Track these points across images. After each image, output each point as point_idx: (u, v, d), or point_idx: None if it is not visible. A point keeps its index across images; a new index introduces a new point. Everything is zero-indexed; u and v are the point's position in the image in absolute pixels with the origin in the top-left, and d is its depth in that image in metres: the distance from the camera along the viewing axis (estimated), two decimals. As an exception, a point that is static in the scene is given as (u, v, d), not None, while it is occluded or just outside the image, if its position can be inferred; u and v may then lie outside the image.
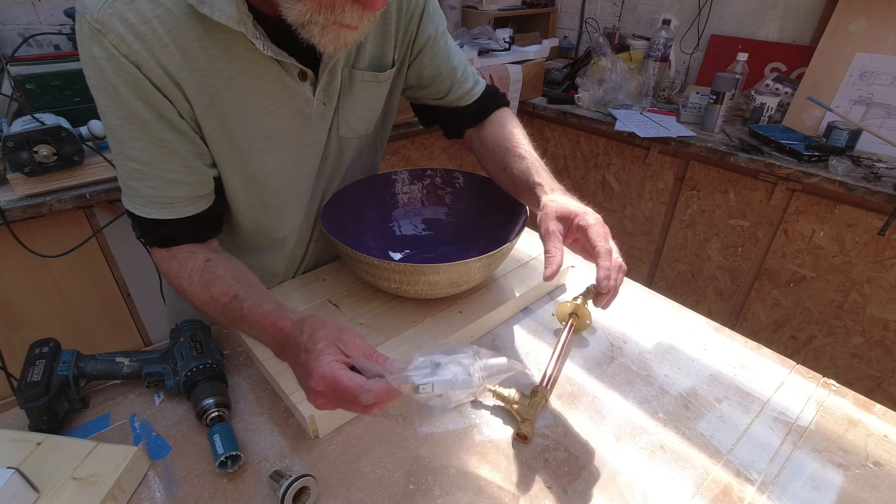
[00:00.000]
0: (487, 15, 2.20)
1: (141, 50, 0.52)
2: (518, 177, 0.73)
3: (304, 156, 0.71)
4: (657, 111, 1.86)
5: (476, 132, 0.83)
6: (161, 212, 0.61)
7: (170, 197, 0.61)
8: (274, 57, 0.58)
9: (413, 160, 1.92)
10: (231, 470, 0.54)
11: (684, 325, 0.78)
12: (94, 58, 0.52)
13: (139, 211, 0.61)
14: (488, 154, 0.80)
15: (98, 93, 0.55)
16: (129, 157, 0.58)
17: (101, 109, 0.56)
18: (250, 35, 0.54)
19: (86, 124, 1.18)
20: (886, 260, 1.37)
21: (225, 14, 0.52)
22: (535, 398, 0.61)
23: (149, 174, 0.59)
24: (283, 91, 0.62)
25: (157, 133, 0.57)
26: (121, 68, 0.52)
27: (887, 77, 1.50)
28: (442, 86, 0.79)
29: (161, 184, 0.60)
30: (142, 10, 0.51)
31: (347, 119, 0.72)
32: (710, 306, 1.82)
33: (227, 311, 0.58)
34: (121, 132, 0.56)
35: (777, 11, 1.85)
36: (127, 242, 1.34)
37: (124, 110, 0.55)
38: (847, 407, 0.65)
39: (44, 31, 1.52)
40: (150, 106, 0.55)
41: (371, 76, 0.71)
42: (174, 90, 0.56)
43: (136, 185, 0.59)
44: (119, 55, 0.51)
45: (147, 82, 0.54)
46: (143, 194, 0.60)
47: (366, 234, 0.86)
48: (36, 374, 0.57)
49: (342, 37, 0.53)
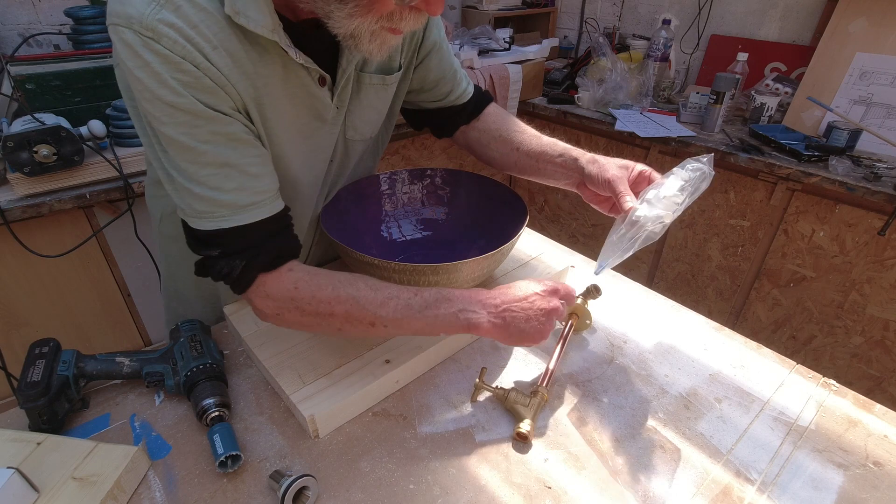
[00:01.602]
0: (487, 15, 2.20)
1: (194, 51, 0.51)
2: (539, 150, 0.77)
3: (315, 159, 0.72)
4: (657, 111, 1.86)
5: (472, 127, 0.85)
6: (252, 213, 0.56)
7: (257, 191, 0.57)
8: (304, 65, 0.59)
9: (413, 160, 1.92)
10: (231, 470, 0.54)
11: (684, 325, 0.78)
12: (147, 64, 0.50)
13: (229, 222, 0.55)
14: (493, 140, 0.82)
15: (152, 106, 0.51)
16: (203, 163, 0.54)
17: (159, 126, 0.53)
18: (283, 44, 0.55)
19: (86, 124, 1.18)
20: (886, 260, 1.37)
21: (260, 25, 0.52)
22: (534, 398, 0.61)
23: (229, 174, 0.55)
24: (306, 96, 0.63)
25: (224, 128, 0.54)
26: (178, 68, 0.50)
27: (887, 77, 1.50)
28: (444, 88, 0.80)
29: (244, 180, 0.56)
30: (188, 16, 0.50)
31: (355, 122, 0.73)
32: (710, 306, 1.82)
33: (412, 303, 0.58)
34: (187, 140, 0.53)
35: (777, 11, 1.85)
36: (127, 242, 1.34)
37: (186, 114, 0.52)
38: (847, 407, 0.65)
39: (44, 31, 1.52)
40: (212, 102, 0.53)
41: (379, 79, 0.72)
42: (231, 89, 0.55)
43: (217, 194, 0.55)
44: (175, 56, 0.50)
45: (207, 79, 0.52)
46: (226, 202, 0.55)
47: (366, 234, 0.86)
48: (36, 374, 0.57)
49: (388, 41, 0.55)
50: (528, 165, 0.79)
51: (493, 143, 0.83)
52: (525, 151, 0.79)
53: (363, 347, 0.67)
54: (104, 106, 1.32)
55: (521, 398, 0.61)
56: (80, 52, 1.36)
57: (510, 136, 0.81)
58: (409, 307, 0.58)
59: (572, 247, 0.93)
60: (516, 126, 0.82)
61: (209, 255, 0.57)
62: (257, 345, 0.68)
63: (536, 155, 0.77)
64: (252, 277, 0.58)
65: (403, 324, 0.58)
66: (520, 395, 0.61)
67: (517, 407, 0.60)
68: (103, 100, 1.32)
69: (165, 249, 0.85)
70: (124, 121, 1.27)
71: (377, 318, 0.58)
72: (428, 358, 0.68)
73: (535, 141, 0.78)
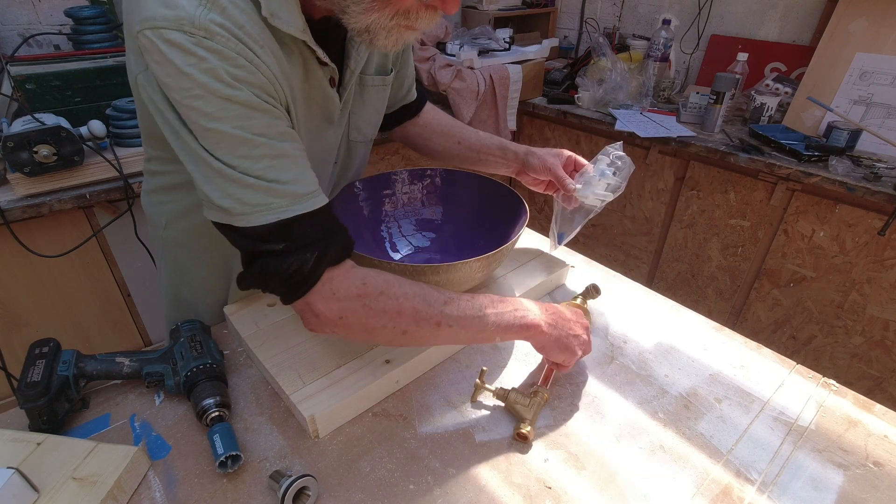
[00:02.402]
0: (487, 15, 2.20)
1: (246, 49, 0.51)
2: (479, 144, 0.87)
3: (322, 161, 0.73)
4: (657, 111, 1.86)
5: (413, 122, 0.91)
6: (312, 202, 0.54)
7: (312, 181, 0.55)
8: (323, 61, 0.59)
9: (413, 160, 1.92)
10: (231, 470, 0.54)
11: (684, 325, 0.78)
12: (202, 60, 0.49)
13: (291, 212, 0.53)
14: (435, 134, 0.90)
15: (204, 102, 0.50)
16: (258, 156, 0.52)
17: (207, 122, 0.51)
18: (311, 44, 0.56)
19: (86, 124, 1.18)
20: (886, 260, 1.37)
21: (293, 26, 0.54)
22: (535, 398, 0.61)
23: (286, 165, 0.53)
24: (321, 97, 0.64)
25: (277, 121, 0.54)
26: (234, 63, 0.50)
27: (887, 77, 1.50)
28: (406, 86, 0.86)
29: (300, 171, 0.55)
30: (234, 17, 0.50)
31: (358, 123, 0.74)
32: (710, 306, 1.82)
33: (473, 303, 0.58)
34: (242, 133, 0.51)
35: (777, 11, 1.85)
36: (127, 242, 1.34)
37: (242, 107, 0.51)
38: (847, 407, 0.65)
39: (44, 31, 1.52)
40: (266, 95, 0.53)
41: (379, 80, 0.73)
42: (278, 85, 0.55)
43: (274, 185, 0.52)
44: (230, 52, 0.50)
45: (260, 74, 0.52)
46: (287, 192, 0.53)
47: (366, 234, 0.86)
48: (36, 374, 0.57)
49: (403, 37, 0.55)
50: (470, 157, 0.88)
51: (435, 137, 0.90)
52: (467, 146, 0.88)
53: (363, 347, 0.68)
54: (104, 106, 1.32)
55: (521, 398, 0.61)
56: (80, 53, 1.36)
57: (451, 130, 0.90)
58: (470, 307, 0.58)
59: (572, 247, 0.92)
60: (453, 122, 0.91)
61: (272, 251, 0.53)
62: (257, 345, 0.68)
63: (478, 148, 0.87)
64: (321, 273, 0.54)
65: (466, 324, 0.58)
66: (520, 396, 0.61)
67: (517, 407, 0.60)
68: (103, 100, 1.32)
69: (170, 255, 0.84)
70: (124, 121, 1.27)
71: (444, 318, 0.57)
72: (428, 358, 0.68)
73: (473, 136, 0.88)
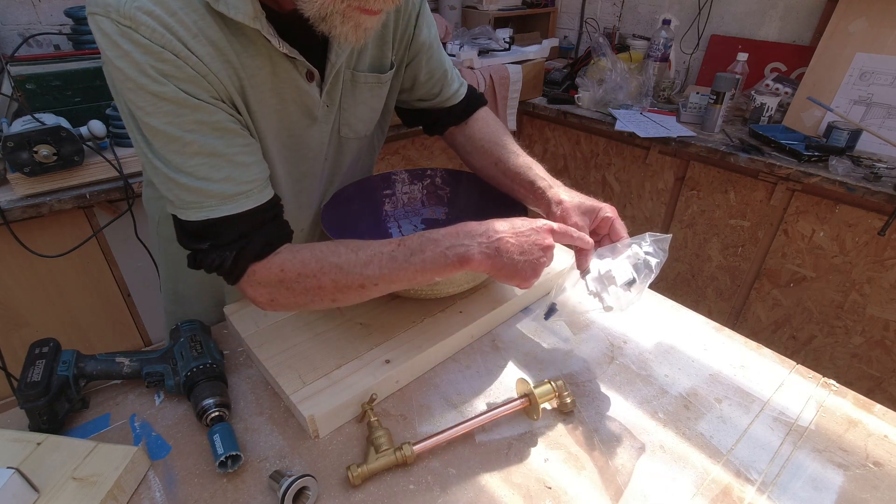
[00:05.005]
0: (487, 15, 2.20)
1: (174, 40, 0.50)
2: (514, 171, 0.76)
3: (306, 156, 0.72)
4: (657, 111, 1.86)
5: (460, 130, 0.85)
6: (241, 203, 0.56)
7: (245, 181, 0.56)
8: (288, 55, 0.58)
9: (413, 160, 1.92)
10: (231, 470, 0.54)
11: (684, 325, 0.78)
12: (127, 54, 0.49)
13: (218, 212, 0.55)
14: (476, 150, 0.83)
15: (136, 96, 0.51)
16: (190, 153, 0.53)
17: (143, 116, 0.52)
18: (265, 32, 0.54)
19: (86, 124, 1.18)
20: (886, 260, 1.37)
21: (241, 12, 0.51)
22: (387, 451, 0.55)
23: (217, 164, 0.54)
24: (294, 91, 0.62)
25: (209, 117, 0.53)
26: (159, 57, 0.49)
27: (887, 77, 1.50)
28: (434, 88, 0.81)
29: (233, 170, 0.55)
30: (166, 3, 0.49)
31: (349, 120, 0.73)
32: (710, 306, 1.82)
33: (396, 255, 0.57)
34: (172, 130, 0.52)
35: (777, 11, 1.85)
36: (127, 242, 1.34)
37: (170, 104, 0.51)
38: (847, 407, 0.65)
39: (44, 31, 1.52)
40: (196, 90, 0.52)
41: (373, 77, 0.71)
42: (213, 77, 0.54)
43: (205, 184, 0.54)
44: (155, 45, 0.49)
45: (188, 68, 0.51)
46: (215, 192, 0.54)
47: (366, 234, 0.86)
48: (36, 374, 0.57)
49: (363, 23, 0.53)
50: (504, 183, 0.79)
51: (476, 152, 0.83)
52: (502, 169, 0.78)
53: (363, 347, 0.68)
54: (104, 106, 1.32)
55: (381, 439, 0.56)
56: (80, 52, 1.36)
57: (491, 148, 0.80)
58: (394, 259, 0.57)
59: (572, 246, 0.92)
60: (500, 138, 0.81)
61: (199, 249, 0.57)
62: (257, 345, 0.68)
63: (512, 175, 0.77)
64: (244, 268, 0.57)
65: (393, 277, 0.57)
66: (382, 437, 0.56)
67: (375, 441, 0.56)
68: (103, 100, 1.32)
69: (164, 251, 0.84)
70: (124, 121, 1.27)
71: (365, 279, 0.57)
72: (428, 358, 0.68)
73: (512, 159, 0.77)
